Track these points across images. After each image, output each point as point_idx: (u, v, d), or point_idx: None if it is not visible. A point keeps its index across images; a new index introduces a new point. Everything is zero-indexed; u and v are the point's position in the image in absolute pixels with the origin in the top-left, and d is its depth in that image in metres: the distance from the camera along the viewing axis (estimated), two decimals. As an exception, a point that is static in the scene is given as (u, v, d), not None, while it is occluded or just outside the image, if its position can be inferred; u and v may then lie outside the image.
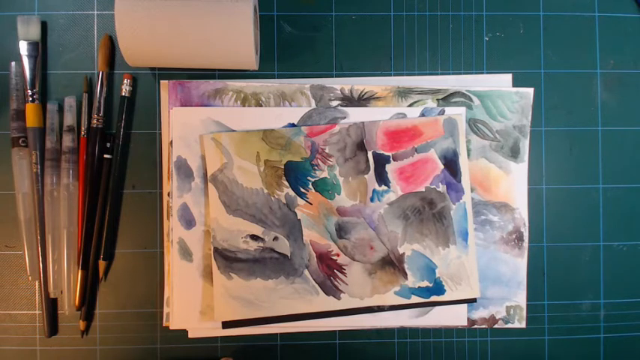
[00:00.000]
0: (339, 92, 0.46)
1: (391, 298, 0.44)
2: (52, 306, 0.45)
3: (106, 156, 0.45)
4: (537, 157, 0.47)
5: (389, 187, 0.45)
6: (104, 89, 0.45)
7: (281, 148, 0.45)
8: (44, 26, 0.46)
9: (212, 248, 0.44)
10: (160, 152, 0.46)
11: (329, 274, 0.44)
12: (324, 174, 0.45)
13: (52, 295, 0.44)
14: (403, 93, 0.46)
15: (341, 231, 0.45)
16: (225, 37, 0.41)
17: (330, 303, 0.44)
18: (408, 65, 0.47)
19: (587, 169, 0.47)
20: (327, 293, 0.44)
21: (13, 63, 0.45)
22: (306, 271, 0.44)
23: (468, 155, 0.46)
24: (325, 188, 0.45)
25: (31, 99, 0.44)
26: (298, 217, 0.44)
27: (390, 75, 0.47)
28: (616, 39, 0.48)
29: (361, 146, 0.45)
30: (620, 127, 0.47)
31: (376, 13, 0.47)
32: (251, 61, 0.43)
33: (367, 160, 0.45)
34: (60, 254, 0.44)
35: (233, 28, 0.41)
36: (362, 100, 0.46)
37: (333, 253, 0.45)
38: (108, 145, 0.45)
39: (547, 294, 0.47)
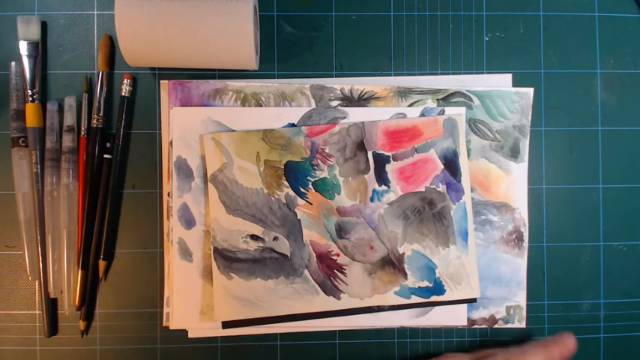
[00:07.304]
0: (339, 92, 0.46)
1: (391, 298, 0.44)
2: (52, 306, 0.45)
3: (106, 156, 0.45)
4: (537, 157, 0.47)
5: (389, 187, 0.45)
6: (104, 89, 0.45)
7: (281, 148, 0.45)
8: (44, 26, 0.46)
9: (212, 248, 0.44)
10: (160, 152, 0.46)
11: (329, 274, 0.44)
12: (324, 174, 0.45)
13: (52, 295, 0.44)
14: (403, 93, 0.46)
15: (341, 231, 0.45)
16: (225, 37, 0.41)
17: (330, 303, 0.44)
18: (408, 65, 0.47)
19: (587, 169, 0.47)
20: (327, 293, 0.44)
21: (13, 63, 0.45)
22: (306, 271, 0.44)
23: (468, 155, 0.46)
24: (325, 188, 0.45)
25: (31, 99, 0.44)
26: (298, 217, 0.44)
27: (390, 75, 0.47)
28: (616, 39, 0.48)
29: (361, 146, 0.45)
30: (620, 127, 0.47)
31: (376, 13, 0.47)
32: (251, 61, 0.43)
33: (367, 160, 0.45)
34: (60, 254, 0.44)
35: (233, 28, 0.41)
36: (362, 100, 0.46)
37: (333, 253, 0.45)
38: (108, 145, 0.45)
39: (547, 294, 0.47)
